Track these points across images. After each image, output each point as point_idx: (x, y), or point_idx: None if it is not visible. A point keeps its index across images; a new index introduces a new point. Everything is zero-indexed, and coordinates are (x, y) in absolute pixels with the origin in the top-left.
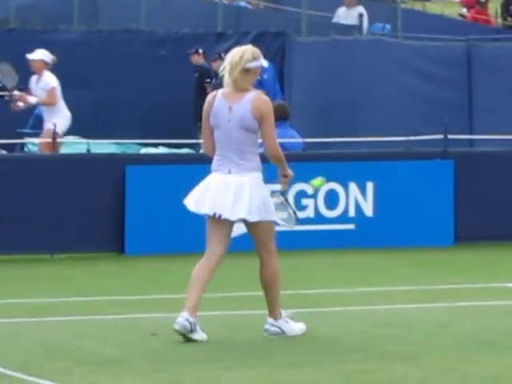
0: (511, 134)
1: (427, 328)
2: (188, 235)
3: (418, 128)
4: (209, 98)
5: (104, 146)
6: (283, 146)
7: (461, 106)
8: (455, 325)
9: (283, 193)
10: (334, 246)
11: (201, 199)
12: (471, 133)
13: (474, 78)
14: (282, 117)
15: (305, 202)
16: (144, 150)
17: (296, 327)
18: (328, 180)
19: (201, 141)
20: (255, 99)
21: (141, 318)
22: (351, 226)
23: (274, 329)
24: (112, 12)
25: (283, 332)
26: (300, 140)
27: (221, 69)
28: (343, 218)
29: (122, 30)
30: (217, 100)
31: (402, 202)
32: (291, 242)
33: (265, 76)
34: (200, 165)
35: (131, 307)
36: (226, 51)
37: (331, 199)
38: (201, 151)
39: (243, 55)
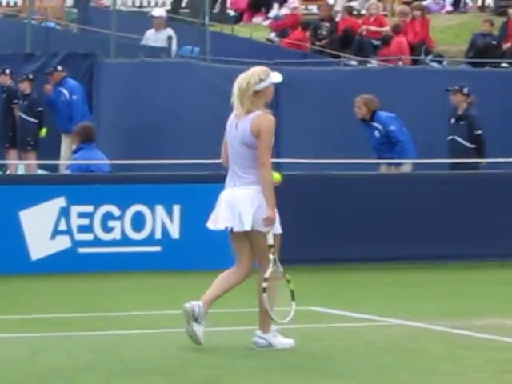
0: (317, 157)
1: (232, 351)
2: None
3: None
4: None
5: None
6: (89, 168)
7: None
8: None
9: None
10: (141, 268)
11: (215, 217)
12: (278, 156)
13: (281, 103)
14: (87, 139)
15: (111, 224)
16: None
17: (284, 341)
18: (135, 202)
19: (8, 161)
20: (256, 117)
21: None
22: (157, 249)
23: (261, 341)
24: None
25: (271, 345)
26: (107, 162)
27: (232, 97)
28: (150, 240)
29: None
30: (230, 119)
31: None
32: (97, 264)
33: (74, 97)
34: (6, 186)
35: None
36: (34, 72)
37: (138, 221)
38: (8, 172)
39: (249, 81)
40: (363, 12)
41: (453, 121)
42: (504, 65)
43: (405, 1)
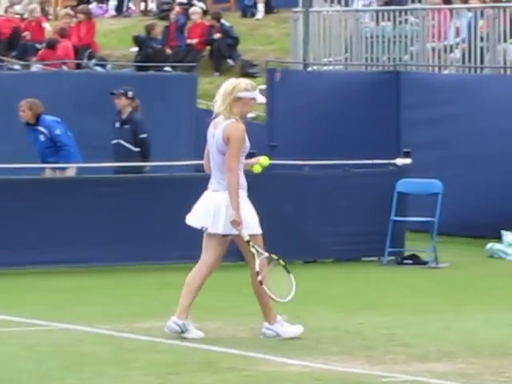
0: (18, 162)
1: None
2: None
3: None
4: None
5: None
6: None
7: None
8: None
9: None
10: None
11: (193, 214)
12: None
13: None
14: None
15: None
16: None
17: (291, 329)
18: None
19: None
20: (227, 125)
21: None
22: None
23: (269, 332)
24: None
25: (278, 335)
26: None
27: (215, 98)
28: None
29: None
30: (210, 128)
31: None
32: None
33: None
34: None
35: None
36: None
37: None
38: None
39: (236, 86)
40: (26, 16)
41: (117, 125)
42: (167, 68)
43: (68, 5)
